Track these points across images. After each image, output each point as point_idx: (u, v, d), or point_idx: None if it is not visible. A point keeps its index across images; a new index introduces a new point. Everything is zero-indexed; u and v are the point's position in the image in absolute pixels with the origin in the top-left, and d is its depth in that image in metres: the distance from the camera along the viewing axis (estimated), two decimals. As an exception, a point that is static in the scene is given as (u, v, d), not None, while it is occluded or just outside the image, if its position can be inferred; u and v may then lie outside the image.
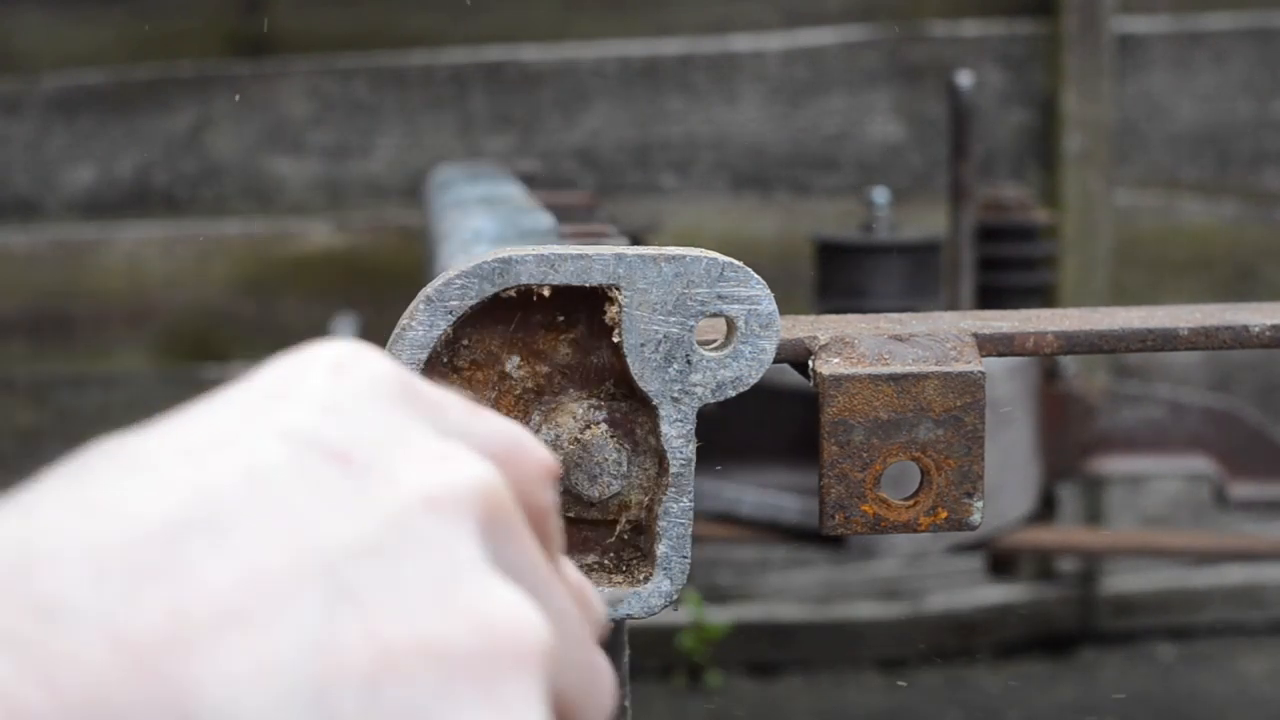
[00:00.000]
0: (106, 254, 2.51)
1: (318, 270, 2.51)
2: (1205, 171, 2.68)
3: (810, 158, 2.58)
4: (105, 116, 2.47)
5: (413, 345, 0.60)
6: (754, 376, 0.61)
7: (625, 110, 2.57)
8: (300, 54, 2.53)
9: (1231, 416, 1.96)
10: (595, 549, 0.65)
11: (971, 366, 0.62)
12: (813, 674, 2.62)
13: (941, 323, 0.66)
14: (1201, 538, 2.31)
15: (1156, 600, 2.71)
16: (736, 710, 2.50)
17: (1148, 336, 0.65)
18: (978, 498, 0.62)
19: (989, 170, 2.57)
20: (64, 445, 1.61)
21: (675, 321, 0.61)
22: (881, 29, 2.60)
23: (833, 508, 0.62)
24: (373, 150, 2.54)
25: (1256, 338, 0.65)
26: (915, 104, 2.60)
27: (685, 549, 0.63)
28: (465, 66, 2.54)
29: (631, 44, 2.56)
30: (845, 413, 0.61)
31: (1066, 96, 2.57)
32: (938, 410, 0.61)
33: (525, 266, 0.60)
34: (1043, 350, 0.65)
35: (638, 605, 0.63)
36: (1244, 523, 2.61)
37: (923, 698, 2.54)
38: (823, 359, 0.63)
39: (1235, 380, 2.70)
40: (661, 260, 0.60)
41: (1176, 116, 2.67)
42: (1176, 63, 2.66)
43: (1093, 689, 2.55)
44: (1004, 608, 2.68)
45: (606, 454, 0.63)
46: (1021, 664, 2.65)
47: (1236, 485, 1.95)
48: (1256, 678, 2.58)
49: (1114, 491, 2.68)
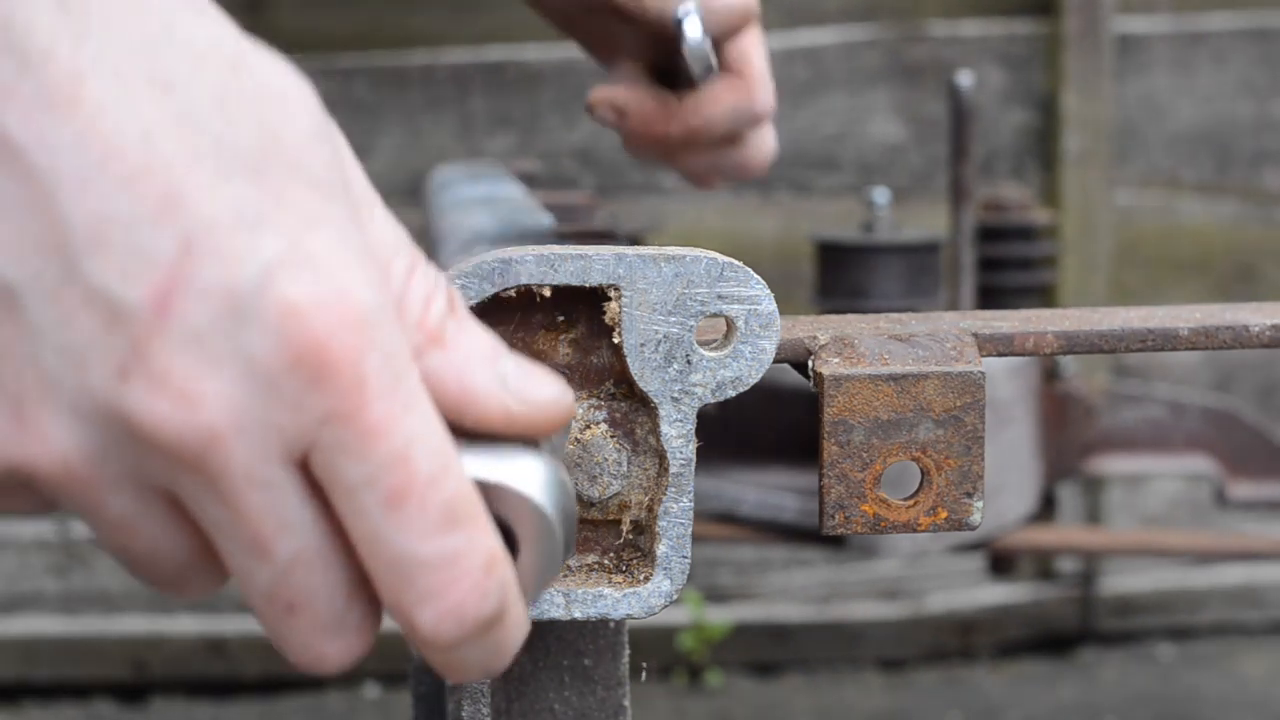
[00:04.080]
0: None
1: (318, 270, 2.51)
2: (1205, 171, 2.68)
3: (810, 158, 2.58)
4: (105, 116, 2.47)
5: (413, 345, 0.60)
6: (754, 376, 0.61)
7: (625, 110, 2.56)
8: (300, 54, 2.53)
9: (1231, 416, 1.96)
10: (595, 549, 0.65)
11: (971, 366, 0.62)
12: (813, 674, 2.62)
13: (941, 323, 0.66)
14: (1201, 538, 2.31)
15: (1156, 600, 2.71)
16: (736, 710, 2.50)
17: (1148, 336, 0.65)
18: (978, 498, 0.62)
19: (989, 170, 2.57)
20: (64, 445, 1.53)
21: (675, 321, 0.61)
22: (881, 29, 2.60)
23: (833, 508, 0.62)
24: (373, 150, 2.55)
25: (1256, 338, 0.65)
26: (915, 104, 2.60)
27: (685, 549, 0.63)
28: (465, 66, 2.54)
29: (631, 44, 2.56)
30: (845, 413, 0.61)
31: (1066, 96, 2.57)
32: (938, 410, 0.61)
33: (525, 266, 0.60)
34: (1043, 350, 0.65)
35: (638, 605, 0.63)
36: (1244, 523, 2.61)
37: (923, 698, 2.54)
38: (823, 359, 0.63)
39: (1235, 380, 2.70)
40: (661, 260, 0.60)
41: (1176, 116, 2.67)
42: (1176, 63, 2.66)
43: (1093, 689, 2.55)
44: (1004, 608, 2.68)
45: (606, 454, 0.63)
46: (1021, 664, 2.66)
47: (1236, 485, 1.95)
48: (1256, 678, 2.58)
49: (1114, 491, 2.68)
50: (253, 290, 0.42)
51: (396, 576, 0.45)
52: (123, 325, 0.41)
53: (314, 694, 2.56)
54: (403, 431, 0.44)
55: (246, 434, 0.43)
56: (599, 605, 0.63)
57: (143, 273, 0.42)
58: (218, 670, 2.57)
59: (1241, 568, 2.71)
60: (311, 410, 0.43)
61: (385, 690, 2.57)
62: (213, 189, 0.42)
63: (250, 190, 0.43)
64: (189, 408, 0.42)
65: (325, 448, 0.44)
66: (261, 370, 0.42)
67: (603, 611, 0.63)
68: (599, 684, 0.65)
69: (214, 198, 0.42)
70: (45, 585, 2.57)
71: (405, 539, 0.45)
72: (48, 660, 2.55)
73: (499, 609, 0.47)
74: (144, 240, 0.41)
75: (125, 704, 2.55)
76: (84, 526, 2.78)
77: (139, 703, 2.55)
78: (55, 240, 0.41)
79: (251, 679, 2.57)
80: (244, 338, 0.42)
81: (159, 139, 0.42)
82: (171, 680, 2.57)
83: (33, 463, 0.43)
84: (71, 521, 2.56)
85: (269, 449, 0.43)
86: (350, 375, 0.43)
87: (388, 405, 0.44)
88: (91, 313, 0.41)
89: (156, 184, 0.42)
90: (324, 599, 0.46)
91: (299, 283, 0.43)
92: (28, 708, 2.53)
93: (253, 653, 2.57)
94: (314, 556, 0.46)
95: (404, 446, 0.44)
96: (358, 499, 0.45)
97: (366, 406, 0.44)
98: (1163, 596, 2.72)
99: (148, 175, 0.42)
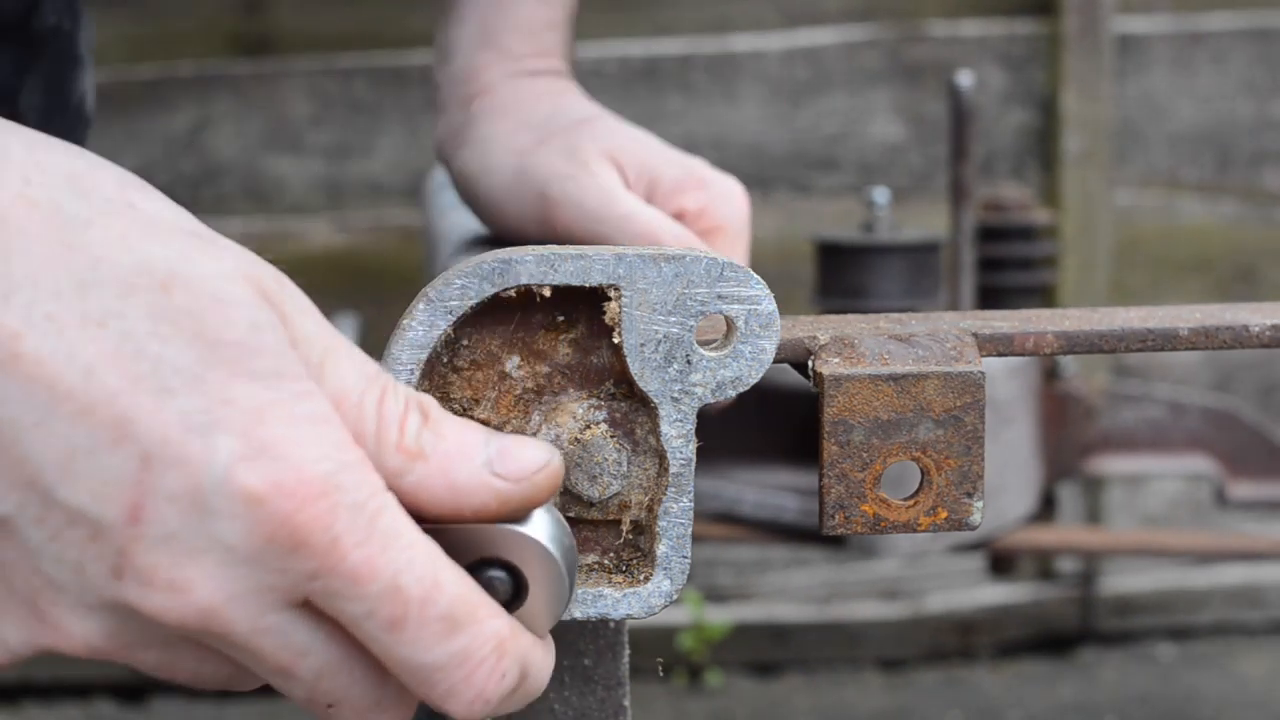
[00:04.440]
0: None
1: (318, 270, 2.51)
2: (1205, 171, 2.68)
3: (810, 158, 2.58)
4: (105, 116, 2.47)
5: (412, 345, 0.60)
6: (754, 376, 0.61)
7: (625, 110, 2.57)
8: (300, 54, 2.53)
9: (1231, 416, 1.96)
10: (596, 549, 0.65)
11: (971, 366, 0.62)
12: (813, 674, 2.62)
13: (941, 323, 0.66)
14: (1201, 538, 2.31)
15: (1156, 600, 2.71)
16: (736, 710, 2.50)
17: (1148, 336, 0.65)
18: (978, 498, 0.62)
19: (989, 170, 2.57)
20: (64, 445, 1.52)
21: (675, 321, 0.61)
22: (881, 29, 2.60)
23: (833, 508, 0.62)
24: (373, 150, 2.54)
25: (1256, 338, 0.65)
26: (915, 104, 2.60)
27: (685, 549, 0.63)
28: (465, 66, 2.54)
29: (631, 44, 2.56)
30: (845, 413, 0.61)
31: (1066, 96, 2.57)
32: (938, 410, 0.61)
33: (525, 266, 0.60)
34: (1043, 350, 0.65)
35: (638, 605, 0.63)
36: (1244, 523, 2.61)
37: (923, 698, 2.54)
38: (823, 359, 0.63)
39: (1235, 380, 2.70)
40: (661, 260, 0.60)
41: (1176, 116, 2.67)
42: (1176, 63, 2.66)
43: (1093, 689, 2.55)
44: (1004, 608, 2.68)
45: (606, 454, 0.63)
46: (1021, 664, 2.65)
47: (1236, 485, 1.95)
48: (1256, 678, 2.58)
49: (1114, 491, 2.68)
50: (214, 487, 0.47)
51: (418, 681, 0.50)
52: (105, 536, 0.46)
53: (314, 694, 2.56)
54: (387, 568, 0.49)
55: (240, 600, 0.48)
56: (599, 605, 0.63)
57: (111, 492, 0.46)
58: (218, 670, 2.57)
59: (1241, 568, 2.71)
60: (297, 572, 0.48)
61: (385, 690, 2.57)
62: (158, 407, 0.46)
63: (196, 400, 0.47)
64: (180, 595, 0.47)
65: (320, 595, 0.49)
66: (240, 553, 0.47)
67: (603, 611, 0.63)
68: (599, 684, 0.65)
69: (161, 415, 0.46)
70: (45, 585, 2.57)
71: (414, 652, 0.50)
72: (48, 660, 2.55)
73: (520, 676, 0.52)
74: (106, 464, 0.46)
75: (125, 704, 2.55)
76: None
77: (139, 703, 2.55)
78: (28, 477, 0.46)
79: (251, 679, 2.57)
80: (217, 528, 0.47)
81: (100, 373, 0.46)
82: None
83: (61, 649, 0.48)
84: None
85: (264, 606, 0.48)
86: (323, 539, 0.48)
87: (366, 551, 0.48)
88: (76, 530, 0.47)
89: (106, 414, 0.46)
90: (358, 693, 0.51)
91: (255, 472, 0.47)
92: (28, 708, 2.53)
93: (253, 653, 2.57)
94: (337, 666, 0.51)
95: (391, 579, 0.49)
96: (362, 628, 0.49)
97: (346, 558, 0.48)
98: (1163, 596, 2.71)
99: (96, 408, 0.46)
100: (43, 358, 0.46)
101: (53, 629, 0.48)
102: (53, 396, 0.46)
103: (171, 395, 0.47)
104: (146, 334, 0.47)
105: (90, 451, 0.46)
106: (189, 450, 0.47)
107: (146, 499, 0.46)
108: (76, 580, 0.47)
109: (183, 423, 0.47)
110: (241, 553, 0.47)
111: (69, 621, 0.48)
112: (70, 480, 0.46)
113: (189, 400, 0.47)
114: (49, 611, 0.47)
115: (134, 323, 0.47)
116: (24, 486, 0.46)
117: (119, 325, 0.47)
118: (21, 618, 0.48)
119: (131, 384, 0.46)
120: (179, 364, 0.47)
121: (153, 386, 0.47)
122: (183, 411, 0.47)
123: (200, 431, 0.47)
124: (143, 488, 0.46)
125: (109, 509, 0.46)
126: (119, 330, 0.47)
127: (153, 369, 0.47)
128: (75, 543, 0.47)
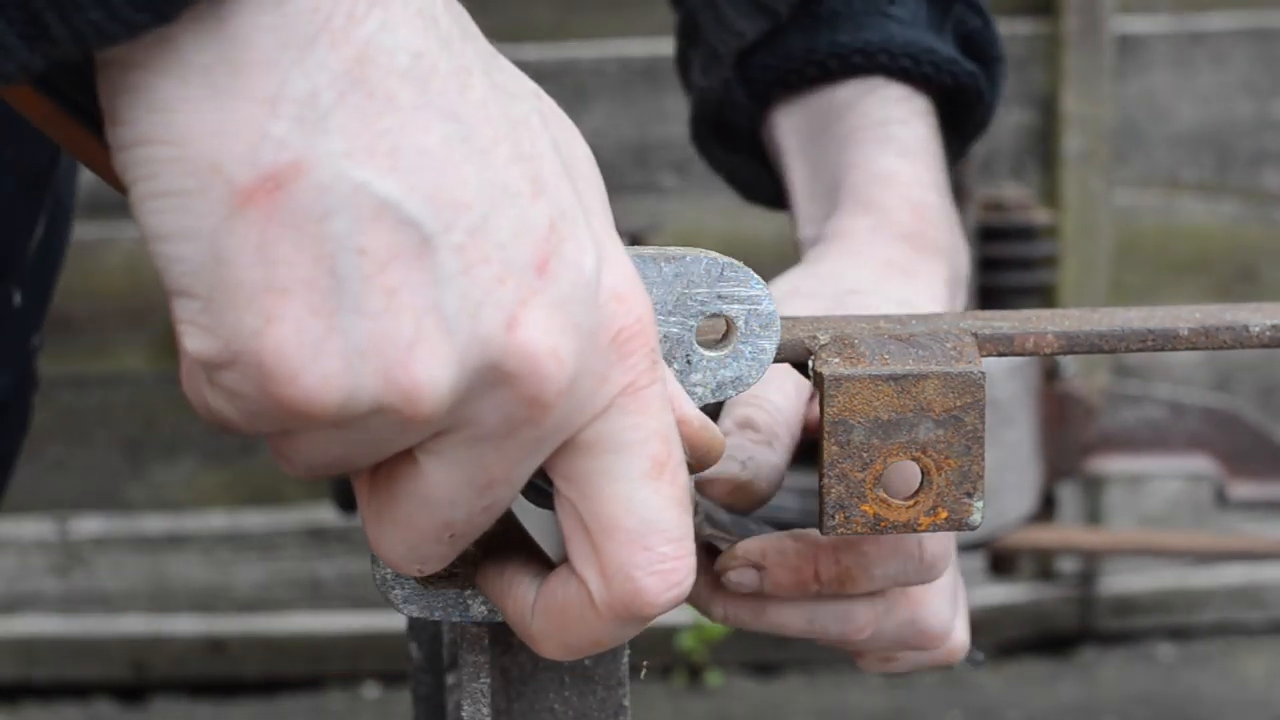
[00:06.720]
0: (107, 254, 2.51)
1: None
2: (1205, 171, 2.68)
3: (810, 158, 2.57)
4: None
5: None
6: (754, 377, 0.61)
7: (625, 110, 2.57)
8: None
9: (1231, 416, 1.96)
10: (595, 549, 0.65)
11: (971, 366, 0.62)
12: (813, 674, 2.62)
13: (941, 323, 0.66)
14: (1201, 538, 2.31)
15: (1156, 600, 2.72)
16: (736, 710, 2.50)
17: (1148, 336, 0.65)
18: (978, 498, 0.62)
19: (989, 170, 2.57)
20: (64, 445, 1.65)
21: (675, 321, 0.61)
22: (881, 29, 2.59)
23: (833, 508, 0.62)
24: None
25: (1256, 338, 0.65)
26: (915, 104, 2.60)
27: (685, 549, 0.63)
28: (465, 66, 2.54)
29: (631, 44, 2.56)
30: (845, 413, 0.61)
31: (1066, 96, 2.57)
32: (938, 410, 0.61)
33: (525, 266, 0.60)
34: (1043, 350, 0.65)
35: (638, 605, 0.63)
36: (1244, 523, 2.61)
37: (923, 698, 2.54)
38: (823, 359, 0.63)
39: (1235, 380, 2.71)
40: (661, 260, 0.60)
41: (1176, 116, 2.67)
42: (1176, 63, 2.66)
43: (1092, 689, 2.55)
44: (1004, 608, 2.68)
45: (607, 454, 0.63)
46: (1021, 664, 2.66)
47: (1236, 485, 1.95)
48: (1256, 678, 2.58)
49: (1114, 491, 2.68)
50: (592, 272, 0.48)
51: (636, 541, 0.51)
52: (513, 280, 0.47)
53: (314, 694, 2.56)
54: (669, 413, 0.51)
55: (569, 397, 0.48)
56: (599, 605, 0.63)
57: (528, 237, 0.47)
58: (218, 670, 2.57)
59: (1241, 568, 2.71)
60: (615, 382, 0.49)
61: (385, 690, 2.57)
62: (559, 184, 0.49)
63: (573, 196, 0.49)
64: (557, 364, 0.47)
65: (610, 415, 0.50)
66: (589, 341, 0.49)
67: (603, 611, 0.63)
68: (599, 684, 0.65)
69: (562, 191, 0.49)
70: (45, 585, 2.57)
71: (660, 505, 0.50)
72: (48, 660, 2.55)
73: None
74: (528, 211, 0.48)
75: (125, 704, 2.55)
76: (86, 527, 2.77)
77: (139, 703, 2.55)
78: (465, 200, 0.46)
79: (252, 679, 2.57)
80: (584, 310, 0.48)
81: (533, 133, 0.49)
82: (172, 680, 2.57)
83: (396, 407, 0.46)
84: (71, 522, 2.56)
85: (574, 417, 0.49)
86: (647, 354, 0.50)
87: (662, 388, 0.51)
88: (487, 267, 0.47)
89: (531, 169, 0.48)
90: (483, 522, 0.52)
91: (615, 275, 0.49)
92: (28, 708, 2.53)
93: (253, 653, 2.57)
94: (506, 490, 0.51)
95: (669, 426, 0.51)
96: (624, 459, 0.50)
97: (655, 383, 0.50)
98: (1163, 596, 2.72)
99: (522, 160, 0.48)
100: (485, 102, 0.48)
101: (408, 377, 0.46)
102: (493, 138, 0.47)
103: (565, 179, 0.49)
104: (539, 123, 0.50)
105: (515, 195, 0.47)
106: (578, 229, 0.49)
107: (552, 257, 0.48)
108: (470, 325, 0.46)
109: (574, 205, 0.49)
110: (590, 342, 0.48)
111: (433, 369, 0.46)
112: (497, 214, 0.47)
113: (570, 194, 0.49)
114: (416, 354, 0.46)
115: (527, 111, 0.49)
116: (460, 208, 0.46)
117: (519, 106, 0.49)
118: (374, 367, 0.46)
119: (548, 149, 0.49)
120: (562, 156, 0.50)
121: (557, 165, 0.49)
122: (571, 197, 0.49)
123: (577, 222, 0.49)
124: (550, 245, 0.48)
125: (523, 251, 0.47)
126: (520, 110, 0.49)
127: (553, 148, 0.49)
128: (483, 281, 0.46)
